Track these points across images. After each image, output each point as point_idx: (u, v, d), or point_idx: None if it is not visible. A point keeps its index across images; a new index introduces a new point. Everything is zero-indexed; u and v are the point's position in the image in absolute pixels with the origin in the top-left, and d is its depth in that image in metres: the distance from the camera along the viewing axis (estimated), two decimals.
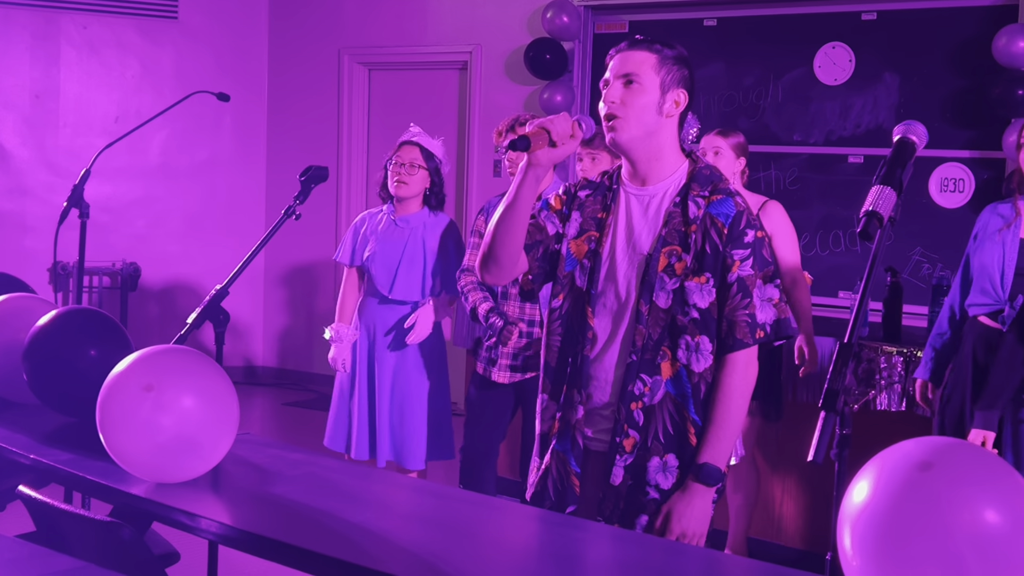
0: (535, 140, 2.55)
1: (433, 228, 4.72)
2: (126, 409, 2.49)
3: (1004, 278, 3.84)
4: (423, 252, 4.68)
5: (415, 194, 4.71)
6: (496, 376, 4.47)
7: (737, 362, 2.66)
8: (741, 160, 4.67)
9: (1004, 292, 3.83)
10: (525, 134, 2.55)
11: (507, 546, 2.37)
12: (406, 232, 4.71)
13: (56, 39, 8.08)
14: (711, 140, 4.66)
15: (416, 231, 4.71)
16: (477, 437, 4.61)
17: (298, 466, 2.78)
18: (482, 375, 4.55)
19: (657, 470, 2.68)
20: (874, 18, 6.40)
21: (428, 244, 4.69)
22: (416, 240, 4.69)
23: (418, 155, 4.70)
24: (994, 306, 3.87)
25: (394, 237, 4.72)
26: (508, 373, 4.46)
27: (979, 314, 3.93)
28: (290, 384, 8.61)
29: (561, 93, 7.18)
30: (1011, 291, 3.83)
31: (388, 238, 4.73)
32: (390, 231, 4.74)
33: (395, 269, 4.68)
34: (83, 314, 3.13)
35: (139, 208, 8.35)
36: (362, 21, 8.33)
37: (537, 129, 2.57)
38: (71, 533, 2.54)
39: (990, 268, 3.87)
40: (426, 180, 4.71)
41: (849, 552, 1.75)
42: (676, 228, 2.67)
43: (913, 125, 2.22)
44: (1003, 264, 3.84)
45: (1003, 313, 3.84)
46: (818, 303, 5.95)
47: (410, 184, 4.67)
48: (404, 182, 4.67)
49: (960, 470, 1.70)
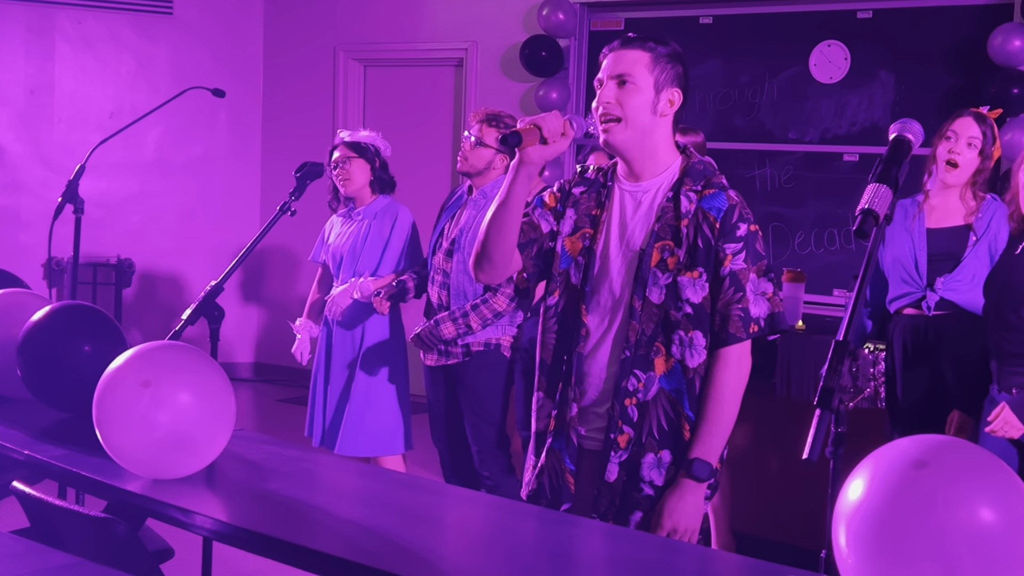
0: (526, 137, 2.54)
1: (382, 213, 4.83)
2: (123, 405, 2.48)
3: (918, 265, 4.01)
4: (372, 239, 4.79)
5: (359, 186, 4.83)
6: (426, 359, 4.57)
7: (730, 357, 2.66)
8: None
9: (923, 279, 4.01)
10: (517, 130, 2.54)
11: (501, 543, 2.37)
12: (355, 223, 4.87)
13: (51, 34, 8.06)
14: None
15: (366, 219, 4.84)
16: (432, 420, 4.70)
17: (292, 463, 2.78)
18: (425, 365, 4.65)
19: (651, 466, 2.68)
20: (870, 16, 6.40)
21: (377, 231, 4.80)
22: (364, 228, 4.82)
23: (347, 150, 4.82)
24: (916, 294, 4.03)
25: (347, 230, 4.89)
26: (435, 356, 4.52)
27: (902, 307, 4.08)
28: (284, 380, 8.60)
29: (557, 90, 7.18)
30: (928, 277, 4.00)
31: (342, 231, 4.91)
32: (345, 225, 4.92)
33: (343, 258, 4.84)
34: (77, 310, 3.12)
35: (134, 204, 8.34)
36: (357, 17, 8.32)
37: (529, 126, 2.56)
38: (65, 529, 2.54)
39: (904, 259, 4.05)
40: (365, 168, 4.82)
41: (844, 550, 1.75)
42: (669, 223, 2.67)
43: (909, 123, 2.22)
44: (915, 253, 4.02)
45: (925, 299, 4.01)
46: (813, 301, 5.95)
47: (351, 178, 4.80)
48: (345, 178, 4.81)
49: (955, 468, 1.70)
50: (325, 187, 4.92)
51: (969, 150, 4.00)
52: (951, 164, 4.00)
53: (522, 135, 2.54)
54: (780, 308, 2.68)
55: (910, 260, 4.03)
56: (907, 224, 4.07)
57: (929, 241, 4.02)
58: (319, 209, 5.01)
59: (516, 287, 2.84)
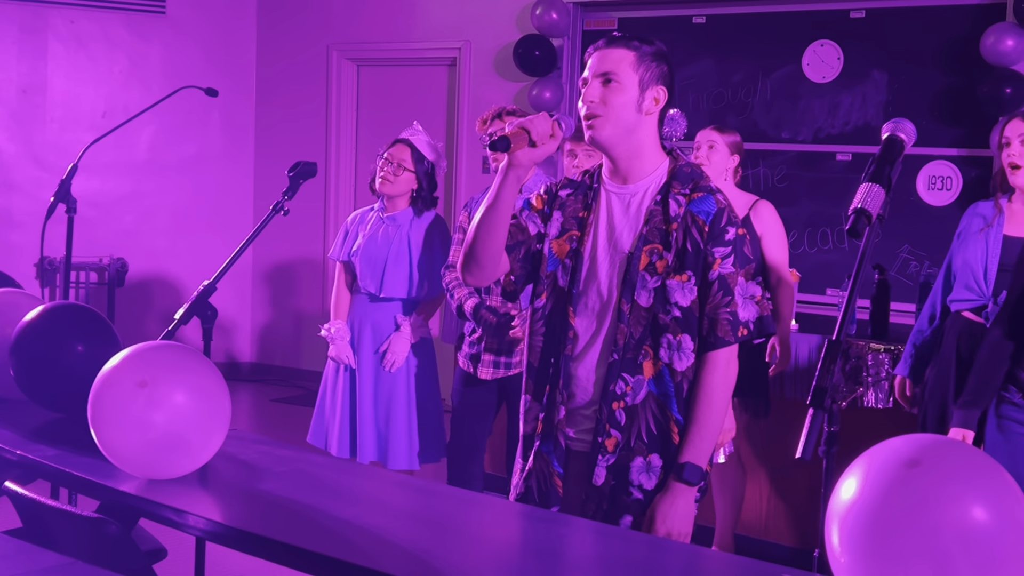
0: (515, 140, 2.54)
1: (419, 224, 4.69)
2: (119, 405, 2.48)
3: (987, 274, 3.89)
4: (408, 249, 4.65)
5: (399, 194, 4.67)
6: (480, 373, 4.46)
7: (718, 360, 2.66)
8: (735, 158, 4.67)
9: (988, 288, 3.88)
10: (505, 135, 2.54)
11: (492, 542, 2.37)
12: (392, 229, 4.68)
13: (43, 33, 8.04)
14: (707, 134, 4.66)
15: (402, 228, 4.68)
16: (462, 434, 4.60)
17: (286, 462, 2.78)
18: (464, 371, 4.54)
19: (640, 470, 2.68)
20: (863, 16, 6.41)
21: (413, 241, 4.65)
22: (402, 237, 4.65)
23: (407, 156, 4.66)
24: (978, 301, 3.92)
25: (381, 234, 4.69)
26: (491, 369, 4.45)
27: (962, 309, 3.96)
28: (277, 380, 8.60)
29: (550, 90, 7.18)
30: (994, 287, 3.87)
31: (375, 235, 4.70)
32: (377, 228, 4.71)
33: (382, 267, 4.65)
34: (70, 310, 3.12)
35: (127, 203, 8.33)
36: (350, 17, 8.32)
37: (517, 129, 2.56)
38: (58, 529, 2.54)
39: (973, 265, 3.92)
40: (412, 182, 4.66)
41: (837, 549, 1.75)
42: (657, 226, 2.67)
43: (902, 123, 2.22)
44: (986, 260, 3.89)
45: (987, 309, 3.89)
46: (806, 300, 5.97)
47: (395, 184, 4.64)
48: (388, 180, 4.64)
49: (947, 467, 1.71)
50: (318, 187, 4.87)
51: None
52: (1013, 167, 3.87)
53: (511, 140, 2.53)
54: (768, 311, 2.69)
55: (980, 267, 3.91)
56: (985, 230, 3.93)
57: (1003, 250, 3.88)
58: (313, 208, 4.99)
59: (503, 288, 2.83)
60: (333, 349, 4.73)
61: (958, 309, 3.98)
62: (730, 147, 4.65)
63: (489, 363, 4.45)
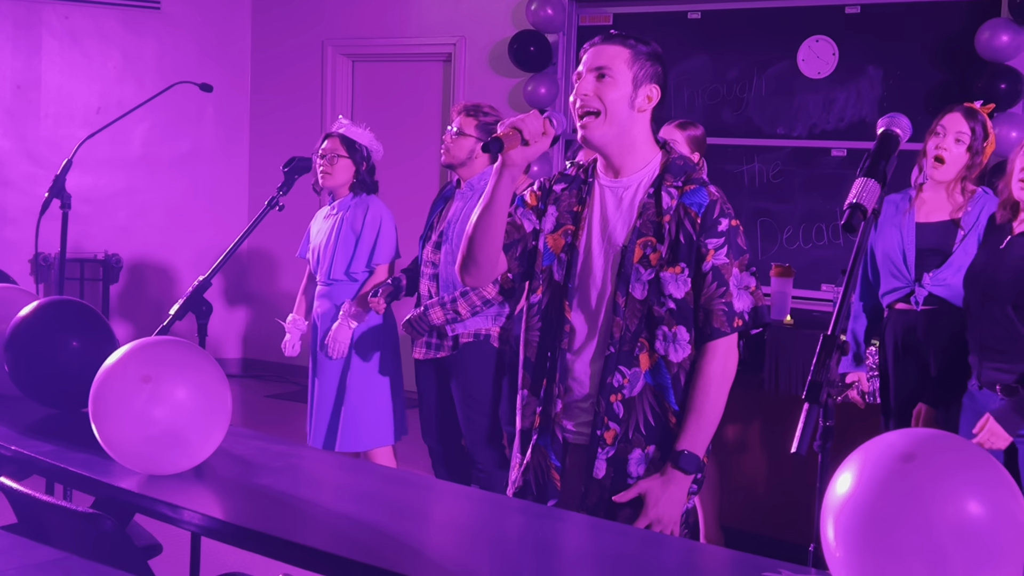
0: (508, 141, 2.54)
1: (356, 208, 4.83)
2: (122, 399, 2.48)
3: (907, 259, 4.02)
4: (347, 232, 4.79)
5: (340, 183, 4.84)
6: (415, 352, 4.58)
7: (717, 350, 2.67)
8: (696, 155, 4.67)
9: (910, 272, 4.01)
10: (497, 136, 2.54)
11: (487, 536, 2.38)
12: (332, 218, 4.88)
13: (37, 29, 8.03)
14: (668, 131, 4.67)
15: (340, 213, 4.85)
16: (422, 417, 4.71)
17: (281, 458, 2.78)
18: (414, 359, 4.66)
19: (639, 462, 2.69)
20: (858, 12, 6.42)
21: (349, 223, 4.81)
22: (340, 222, 4.83)
23: (338, 145, 4.84)
24: (905, 288, 4.04)
25: (326, 225, 4.90)
26: (423, 350, 4.55)
27: (893, 302, 4.09)
28: (272, 376, 8.59)
29: (545, 85, 7.18)
30: (915, 271, 4.01)
31: (322, 227, 4.92)
32: (326, 220, 4.93)
33: (320, 254, 4.86)
34: (65, 305, 3.11)
35: (121, 199, 8.32)
36: (345, 12, 8.31)
37: (509, 130, 2.56)
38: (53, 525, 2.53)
39: (892, 253, 4.06)
40: (350, 168, 4.82)
41: (832, 543, 1.75)
42: (650, 219, 2.68)
43: (897, 118, 2.23)
44: (903, 246, 4.03)
45: (914, 294, 4.01)
46: (801, 296, 5.96)
47: (333, 175, 4.81)
48: (327, 173, 4.82)
49: (942, 461, 1.71)
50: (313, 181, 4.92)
51: (957, 146, 4.00)
52: (938, 160, 4.01)
53: (503, 140, 2.54)
54: (762, 301, 2.70)
55: (899, 255, 4.04)
56: (897, 219, 4.08)
57: (918, 236, 4.03)
58: (307, 204, 5.01)
59: (501, 287, 2.84)
60: (283, 340, 5.02)
61: (890, 302, 4.11)
62: (690, 143, 4.65)
63: (422, 343, 4.56)
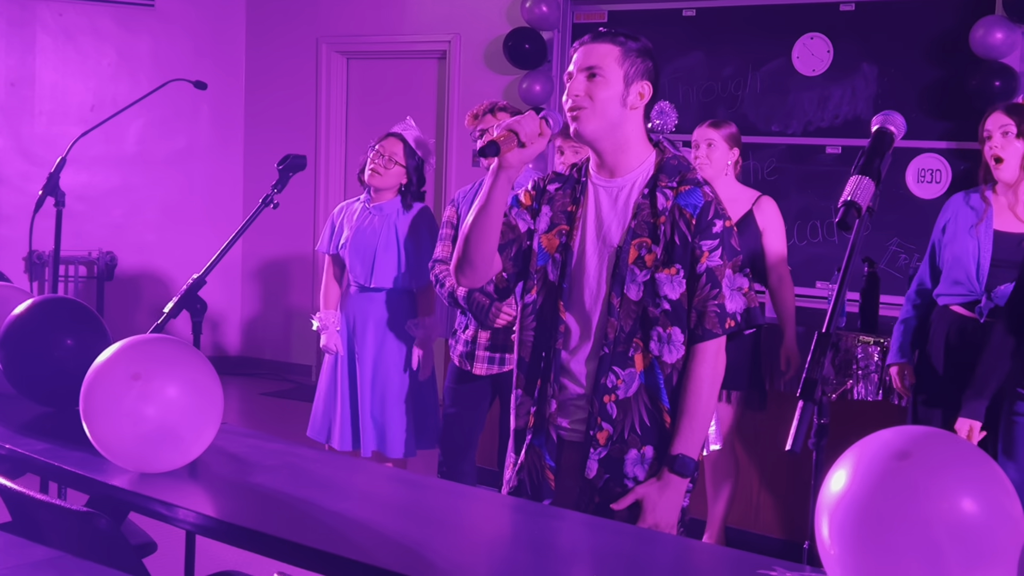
0: (504, 144, 2.53)
1: (406, 215, 4.73)
2: (112, 397, 2.47)
3: (980, 270, 3.88)
4: (396, 239, 4.69)
5: (388, 187, 4.72)
6: (476, 368, 4.46)
7: (707, 352, 2.67)
8: (735, 151, 4.68)
9: (981, 284, 3.88)
10: (494, 139, 2.53)
11: (482, 534, 2.38)
12: (379, 220, 4.73)
13: (31, 26, 8.01)
14: (704, 132, 4.66)
15: (390, 218, 4.72)
16: (454, 431, 4.60)
17: (276, 456, 2.78)
18: (458, 368, 4.53)
19: (635, 463, 2.69)
20: (852, 9, 6.42)
21: (401, 231, 4.71)
22: (390, 227, 4.70)
23: (399, 150, 4.70)
24: (968, 296, 3.91)
25: (368, 226, 4.74)
26: (485, 365, 4.45)
27: (952, 303, 3.96)
28: (267, 374, 8.59)
29: (540, 83, 7.17)
30: (987, 282, 3.87)
31: (362, 226, 4.75)
32: (364, 219, 4.76)
33: (371, 257, 4.69)
34: (59, 303, 3.11)
35: (115, 197, 8.30)
36: (340, 9, 8.30)
37: (505, 132, 2.55)
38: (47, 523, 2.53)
39: (965, 260, 3.91)
40: (402, 176, 4.71)
41: (827, 541, 1.75)
42: (645, 220, 2.67)
43: (891, 115, 2.23)
44: (979, 256, 3.89)
45: (979, 304, 3.88)
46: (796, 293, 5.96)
47: (384, 176, 4.68)
48: (378, 172, 4.68)
49: (937, 459, 1.71)
50: (308, 180, 4.88)
51: (1006, 139, 3.86)
52: (997, 160, 3.87)
53: (499, 144, 2.53)
54: (755, 303, 2.70)
55: (972, 263, 3.89)
56: (974, 223, 3.93)
57: (995, 244, 3.88)
58: (302, 201, 4.99)
59: (496, 287, 2.83)
60: (323, 338, 4.78)
61: (946, 303, 3.97)
62: (728, 140, 4.65)
63: (484, 359, 4.45)
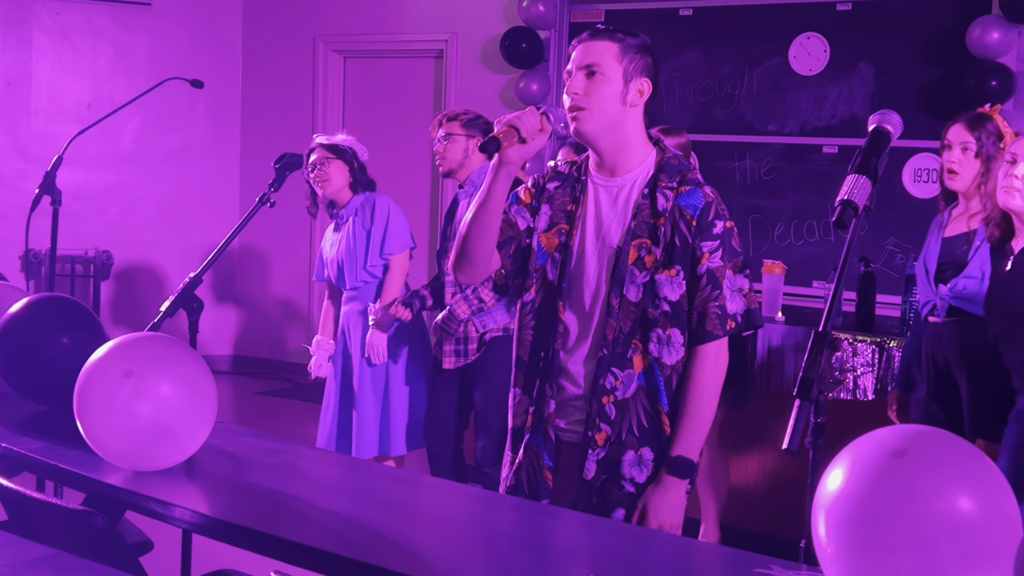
0: (505, 140, 2.52)
1: (362, 207, 4.80)
2: (105, 395, 2.47)
3: (929, 275, 4.03)
4: (357, 232, 4.76)
5: (338, 187, 4.79)
6: (444, 363, 4.56)
7: (708, 353, 2.66)
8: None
9: (932, 286, 4.01)
10: (495, 135, 2.52)
11: (480, 533, 2.38)
12: (342, 225, 4.84)
13: (28, 25, 8.00)
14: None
15: (348, 219, 4.81)
16: (434, 423, 4.71)
17: (273, 455, 2.77)
18: (435, 359, 4.65)
19: (632, 464, 2.68)
20: (849, 8, 6.42)
21: (361, 223, 4.77)
22: (349, 227, 4.79)
23: (324, 152, 4.77)
24: (932, 301, 4.03)
25: (337, 235, 4.87)
26: (453, 359, 4.53)
27: (926, 315, 4.08)
28: (263, 373, 8.58)
29: (537, 82, 7.17)
30: (935, 284, 4.01)
31: (334, 240, 4.88)
32: (336, 233, 4.89)
33: (340, 263, 4.81)
34: (55, 302, 3.11)
35: (112, 195, 8.30)
36: (337, 8, 8.29)
37: (506, 128, 2.54)
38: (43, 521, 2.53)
39: (921, 272, 4.09)
40: (343, 169, 4.77)
41: (823, 539, 1.76)
42: (645, 220, 2.66)
43: (888, 114, 2.23)
44: (926, 264, 4.05)
45: (936, 307, 4.01)
46: (792, 292, 5.97)
47: (329, 179, 4.75)
48: (323, 179, 4.75)
49: (933, 457, 1.71)
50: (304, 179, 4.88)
51: (965, 155, 3.97)
52: (950, 172, 3.98)
53: (500, 140, 2.51)
54: (755, 304, 2.69)
55: (923, 269, 4.06)
56: (931, 233, 4.11)
57: (942, 250, 4.03)
58: (298, 200, 4.98)
59: (495, 284, 2.83)
60: (312, 361, 4.91)
61: (924, 316, 4.10)
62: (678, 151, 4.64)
63: (451, 352, 4.52)
